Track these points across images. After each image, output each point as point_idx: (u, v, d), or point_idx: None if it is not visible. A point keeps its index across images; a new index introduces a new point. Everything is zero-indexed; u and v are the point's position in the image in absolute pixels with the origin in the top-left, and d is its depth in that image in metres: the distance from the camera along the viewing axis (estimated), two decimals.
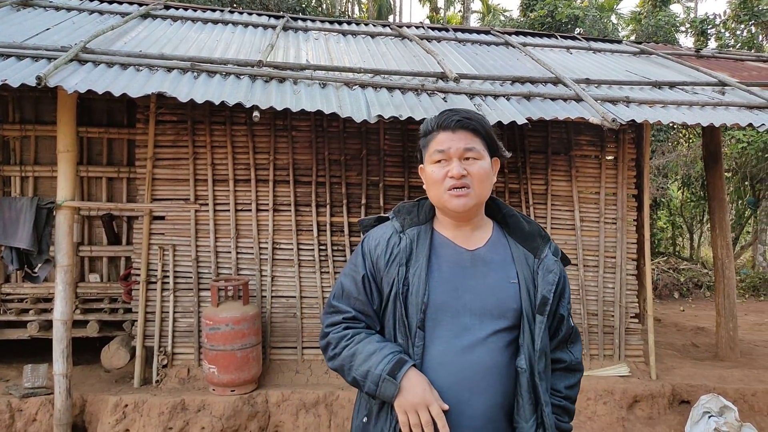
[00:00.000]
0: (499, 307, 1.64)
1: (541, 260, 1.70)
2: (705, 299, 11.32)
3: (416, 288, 1.64)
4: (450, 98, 4.63)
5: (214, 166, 5.30)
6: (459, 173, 1.63)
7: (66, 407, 4.42)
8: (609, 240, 5.60)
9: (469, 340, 1.62)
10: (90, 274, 5.62)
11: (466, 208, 1.65)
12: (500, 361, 1.63)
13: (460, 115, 1.68)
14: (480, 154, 1.66)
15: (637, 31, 12.92)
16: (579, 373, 1.79)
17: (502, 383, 1.63)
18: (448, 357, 1.62)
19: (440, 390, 1.59)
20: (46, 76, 3.79)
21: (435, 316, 1.64)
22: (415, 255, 1.68)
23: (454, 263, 1.69)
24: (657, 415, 5.07)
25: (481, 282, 1.67)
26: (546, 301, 1.65)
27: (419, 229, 1.74)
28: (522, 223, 1.76)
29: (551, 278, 1.67)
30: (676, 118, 4.60)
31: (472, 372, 1.61)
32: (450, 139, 1.66)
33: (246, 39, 5.71)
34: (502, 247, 1.73)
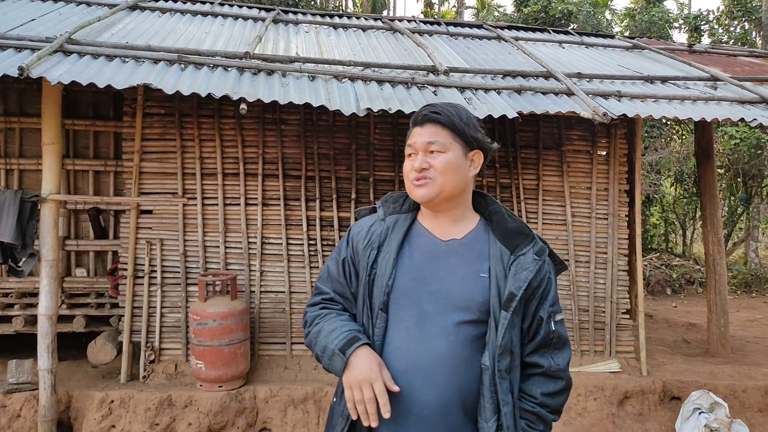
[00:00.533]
0: (465, 299, 1.63)
1: (516, 257, 1.67)
2: (697, 295, 11.33)
3: (383, 271, 1.68)
4: (440, 92, 4.58)
5: (202, 159, 5.24)
6: (418, 166, 1.66)
7: (51, 403, 4.36)
8: (600, 236, 5.57)
9: (429, 328, 1.62)
10: (76, 268, 5.56)
11: (425, 197, 1.67)
12: (460, 354, 1.61)
13: (429, 109, 1.71)
14: (444, 147, 1.67)
15: (631, 27, 12.91)
16: (561, 382, 1.70)
17: (461, 377, 1.60)
18: (405, 342, 1.64)
19: (395, 374, 1.60)
20: (29, 66, 3.72)
21: (399, 301, 1.67)
22: (388, 240, 1.73)
23: (427, 252, 1.71)
24: (647, 412, 5.05)
25: (450, 272, 1.67)
26: (512, 298, 1.61)
27: (399, 217, 1.79)
28: (506, 219, 1.74)
29: (524, 276, 1.64)
30: (667, 113, 4.57)
31: (426, 360, 1.60)
32: (417, 134, 1.70)
33: (236, 31, 5.64)
34: (481, 242, 1.72)
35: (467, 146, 1.70)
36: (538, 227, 5.52)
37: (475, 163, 1.73)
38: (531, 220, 5.54)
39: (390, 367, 1.61)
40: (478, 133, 1.73)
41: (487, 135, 1.82)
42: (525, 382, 1.68)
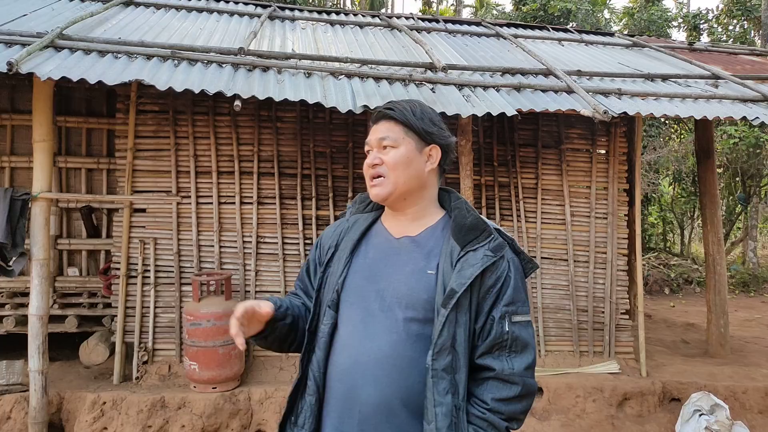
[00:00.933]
0: (410, 296, 1.59)
1: (466, 253, 1.59)
2: (695, 295, 11.28)
3: (335, 269, 1.70)
4: (438, 89, 4.51)
5: (196, 157, 5.17)
6: (371, 162, 1.67)
7: (42, 405, 4.29)
8: (600, 235, 5.52)
9: (373, 326, 1.60)
10: (69, 267, 5.48)
11: (379, 196, 1.67)
12: (403, 354, 1.56)
13: (384, 106, 1.72)
14: (395, 142, 1.66)
15: (630, 25, 12.84)
16: (516, 387, 1.55)
17: (404, 377, 1.55)
18: (350, 340, 1.62)
19: (339, 372, 1.61)
20: (18, 62, 3.65)
21: (349, 299, 1.66)
22: (345, 240, 1.75)
23: (381, 250, 1.70)
24: (647, 413, 4.99)
25: (399, 270, 1.64)
26: (452, 295, 1.53)
27: (360, 216, 1.80)
28: (463, 215, 1.67)
29: (468, 273, 1.55)
30: (669, 111, 4.51)
31: (368, 358, 1.58)
32: (373, 132, 1.70)
33: (231, 27, 5.56)
34: (436, 238, 1.68)
35: (422, 141, 1.68)
36: (536, 226, 5.46)
37: (433, 159, 1.69)
38: (530, 219, 5.48)
39: (335, 365, 1.63)
40: (434, 127, 1.70)
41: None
42: (478, 386, 1.58)
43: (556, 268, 5.48)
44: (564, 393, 4.97)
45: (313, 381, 1.65)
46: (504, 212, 5.48)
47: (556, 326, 5.45)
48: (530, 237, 5.47)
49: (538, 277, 5.43)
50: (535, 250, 5.45)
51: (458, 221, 1.66)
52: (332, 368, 1.64)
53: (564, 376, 5.14)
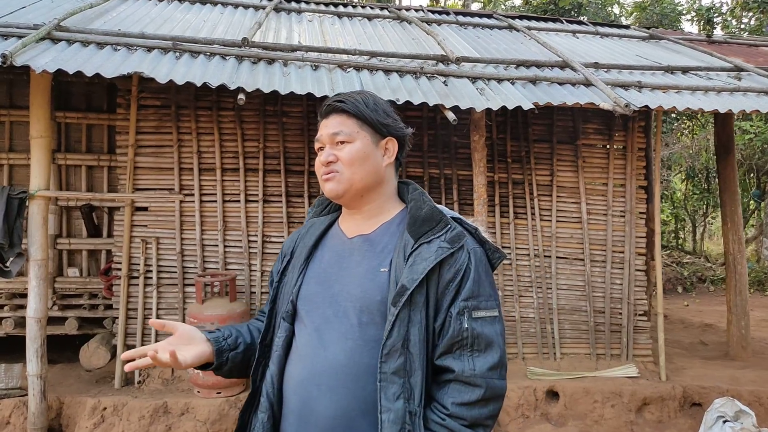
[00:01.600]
0: (363, 298, 1.48)
1: (419, 246, 1.47)
2: (709, 294, 11.08)
3: (289, 278, 1.61)
4: (451, 82, 4.33)
5: (200, 154, 5.01)
6: (324, 159, 1.55)
7: (41, 410, 4.15)
8: (617, 234, 5.33)
9: (329, 334, 1.49)
10: (69, 268, 5.33)
11: (333, 192, 1.55)
12: (359, 361, 1.45)
13: (333, 98, 1.60)
14: (350, 137, 1.55)
15: (642, 19, 12.58)
16: (478, 390, 1.41)
17: (359, 386, 1.44)
18: (306, 350, 1.52)
19: (294, 384, 1.51)
20: (13, 54, 3.48)
21: (305, 308, 1.56)
22: (300, 246, 1.65)
23: (335, 252, 1.60)
24: (667, 419, 4.81)
25: (351, 272, 1.53)
26: (403, 291, 1.41)
27: (316, 220, 1.70)
28: (418, 206, 1.56)
29: (422, 267, 1.43)
30: (691, 105, 4.31)
31: (323, 368, 1.47)
32: (323, 126, 1.59)
33: (235, 19, 5.39)
34: (391, 234, 1.56)
35: (378, 134, 1.58)
36: (551, 225, 5.28)
37: (390, 152, 1.60)
38: (545, 217, 5.29)
39: (290, 377, 1.53)
40: (389, 119, 1.60)
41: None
42: (439, 389, 1.45)
43: (572, 268, 5.30)
44: (581, 398, 4.79)
45: (266, 397, 1.54)
46: (518, 210, 5.29)
47: (571, 328, 5.26)
48: (545, 236, 5.28)
49: (553, 277, 5.25)
50: (550, 250, 5.26)
51: (413, 213, 1.55)
52: (287, 381, 1.54)
53: (581, 380, 4.96)
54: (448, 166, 5.23)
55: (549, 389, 4.84)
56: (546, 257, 5.26)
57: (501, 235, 5.22)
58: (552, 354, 5.20)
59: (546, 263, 5.26)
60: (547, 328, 5.22)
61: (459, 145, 5.23)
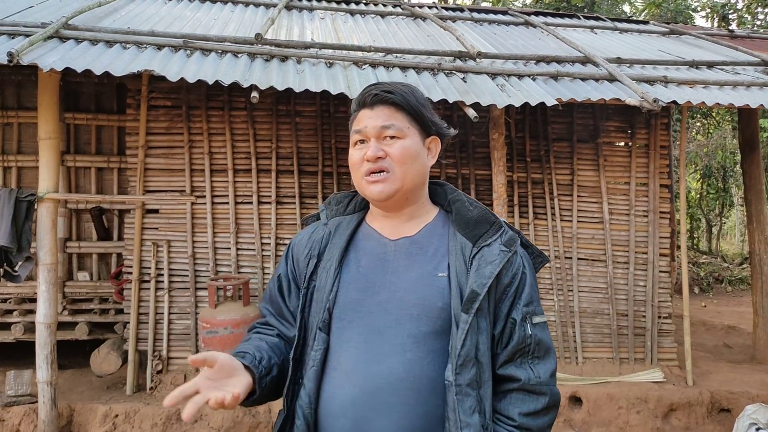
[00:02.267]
0: (421, 305, 1.36)
1: (479, 249, 1.39)
2: (726, 294, 10.89)
3: (323, 283, 1.43)
4: (470, 78, 4.19)
5: (211, 154, 4.90)
6: (373, 155, 1.39)
7: (51, 418, 4.05)
8: (640, 234, 5.17)
9: (381, 346, 1.35)
10: (79, 272, 5.23)
11: (383, 194, 1.40)
12: (420, 374, 1.33)
13: (380, 88, 1.43)
14: (402, 132, 1.41)
15: (656, 16, 12.39)
16: (544, 398, 1.36)
17: (422, 401, 1.32)
18: (356, 365, 1.35)
19: (343, 404, 1.34)
20: (19, 52, 3.39)
21: (345, 316, 1.40)
22: (329, 247, 1.47)
23: (375, 256, 1.45)
24: (695, 425, 4.65)
25: (401, 277, 1.40)
26: (474, 297, 1.33)
27: (342, 219, 1.53)
28: (467, 207, 1.47)
29: (488, 270, 1.35)
30: (721, 100, 4.15)
31: (379, 385, 1.32)
32: (368, 117, 1.42)
33: (246, 18, 5.29)
34: (438, 236, 1.46)
35: (424, 132, 1.46)
36: (572, 225, 5.13)
37: (433, 152, 1.50)
38: (565, 217, 5.14)
39: (335, 397, 1.35)
40: (434, 116, 1.49)
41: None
42: (501, 400, 1.37)
43: (594, 270, 5.14)
44: (605, 404, 4.64)
45: (302, 420, 1.37)
46: (537, 210, 5.14)
47: (594, 332, 5.11)
48: (566, 237, 5.13)
49: (575, 279, 5.10)
50: (571, 251, 5.11)
51: (462, 214, 1.45)
52: (331, 401, 1.36)
53: (604, 385, 4.81)
54: (465, 166, 5.09)
55: (572, 395, 4.69)
56: (567, 259, 5.11)
57: None
58: (574, 358, 5.05)
59: (567, 265, 5.11)
60: (569, 332, 5.07)
61: (476, 144, 5.09)
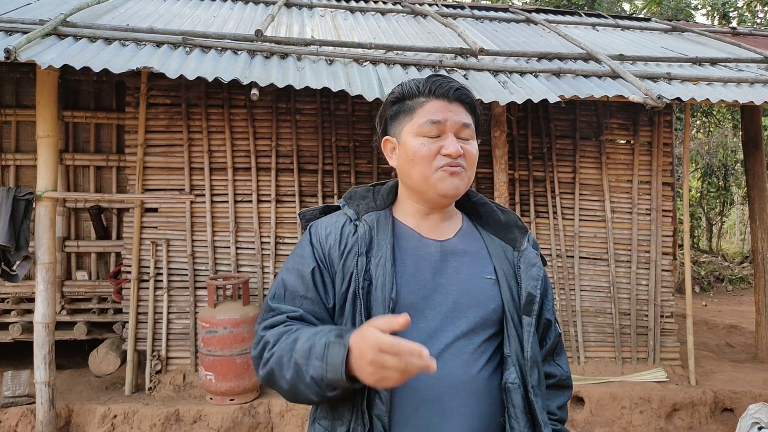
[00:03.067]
0: (475, 307, 1.36)
1: (521, 252, 1.44)
2: (727, 293, 10.86)
3: (381, 282, 1.33)
4: (472, 75, 4.16)
5: (211, 153, 4.86)
6: (457, 151, 1.35)
7: (49, 419, 4.01)
8: (642, 233, 5.13)
9: (439, 350, 1.30)
10: (77, 271, 5.19)
11: (458, 191, 1.39)
12: (476, 375, 1.33)
13: (455, 84, 1.39)
14: (473, 134, 1.41)
15: (656, 14, 12.36)
16: (569, 391, 1.51)
17: (479, 402, 1.32)
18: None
19: (405, 413, 1.29)
20: (17, 49, 3.35)
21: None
22: (376, 243, 1.38)
23: (420, 257, 1.39)
24: (698, 425, 4.62)
25: (452, 279, 1.38)
26: (532, 299, 1.38)
27: (378, 214, 1.44)
28: (496, 212, 1.51)
29: (535, 273, 1.41)
30: (725, 96, 4.12)
31: (441, 390, 1.29)
32: (447, 110, 1.37)
33: (246, 15, 5.25)
34: (475, 239, 1.47)
35: (476, 135, 1.45)
36: (574, 224, 5.09)
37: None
38: (567, 216, 5.11)
39: (398, 405, 1.29)
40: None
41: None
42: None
43: (596, 269, 5.11)
44: (608, 404, 4.60)
45: (382, 428, 1.28)
46: (539, 208, 5.10)
47: (596, 331, 5.07)
48: (567, 235, 5.09)
49: (576, 278, 5.06)
50: (573, 250, 5.08)
51: (494, 218, 1.49)
52: (397, 409, 1.30)
53: (607, 385, 4.77)
54: None
55: (574, 395, 4.66)
56: (569, 257, 5.07)
57: None
58: (576, 358, 5.02)
59: (569, 264, 5.07)
60: (571, 331, 5.03)
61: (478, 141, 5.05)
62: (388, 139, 1.45)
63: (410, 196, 1.44)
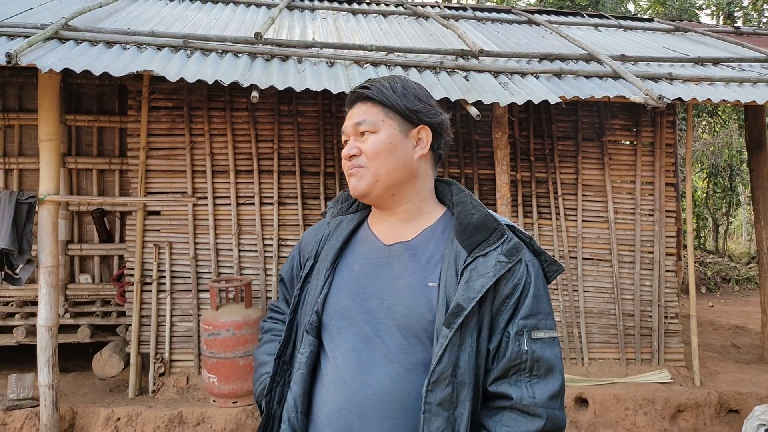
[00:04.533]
0: (408, 316, 1.29)
1: (474, 259, 1.29)
2: (734, 294, 10.81)
3: (314, 286, 1.41)
4: (472, 76, 4.15)
5: (213, 156, 4.87)
6: (347, 153, 1.39)
7: (53, 422, 4.02)
8: (645, 233, 5.11)
9: (370, 355, 1.30)
10: (80, 274, 5.20)
11: (357, 190, 1.38)
12: (406, 388, 1.27)
13: (358, 86, 1.42)
14: (375, 126, 1.37)
15: (661, 14, 12.32)
16: (538, 420, 1.22)
17: (408, 416, 1.26)
18: (342, 374, 1.32)
19: (329, 412, 1.31)
20: (18, 53, 3.36)
21: (336, 322, 1.36)
22: (326, 248, 1.45)
23: (369, 260, 1.39)
24: (703, 427, 4.59)
25: (392, 285, 1.34)
26: (458, 312, 1.23)
27: (343, 218, 1.50)
28: (468, 211, 1.37)
29: (479, 284, 1.25)
30: (727, 96, 4.10)
31: (366, 396, 1.28)
32: (348, 117, 1.43)
33: (247, 18, 5.26)
34: (436, 242, 1.37)
35: (407, 122, 1.38)
36: (577, 225, 5.07)
37: (423, 142, 1.40)
38: (570, 217, 5.09)
39: (322, 404, 1.33)
40: (420, 104, 1.39)
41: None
42: (491, 417, 1.26)
43: (599, 270, 5.09)
44: (611, 405, 4.58)
45: (288, 424, 1.34)
46: (542, 210, 5.09)
47: (600, 332, 5.05)
48: (570, 236, 5.07)
49: (580, 279, 5.05)
50: (576, 251, 5.06)
51: (462, 219, 1.36)
52: (320, 409, 1.33)
53: (611, 386, 4.75)
54: (469, 165, 5.05)
55: (578, 396, 4.64)
56: (572, 258, 5.06)
57: None
58: (580, 359, 5.00)
59: (572, 265, 5.05)
60: (574, 332, 5.02)
61: (480, 143, 5.05)
62: None
63: None
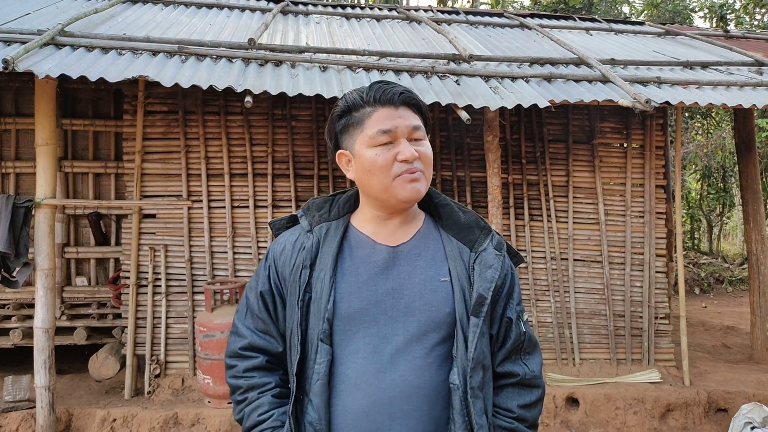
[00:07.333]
0: (428, 311, 1.36)
1: (478, 254, 1.42)
2: (727, 295, 10.86)
3: (319, 294, 1.37)
4: (463, 81, 4.21)
5: (207, 159, 4.92)
6: (413, 155, 1.35)
7: (49, 423, 4.07)
8: (636, 235, 5.18)
9: (390, 354, 1.34)
10: (77, 277, 5.26)
11: (420, 195, 1.39)
12: (430, 380, 1.34)
13: (400, 88, 1.40)
14: (424, 135, 1.42)
15: (654, 17, 12.41)
16: (538, 390, 1.45)
17: (432, 406, 1.34)
18: (365, 376, 1.34)
19: (356, 416, 1.32)
20: (15, 59, 3.41)
21: (349, 327, 1.36)
22: (320, 256, 1.41)
23: (374, 263, 1.41)
24: (692, 425, 4.66)
25: (405, 283, 1.39)
26: (482, 301, 1.36)
27: (329, 225, 1.47)
28: (457, 212, 1.48)
29: (490, 274, 1.39)
30: (714, 100, 4.17)
31: (393, 393, 1.32)
32: (396, 116, 1.37)
33: (241, 23, 5.31)
34: (433, 240, 1.46)
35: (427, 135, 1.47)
36: (568, 227, 5.13)
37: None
38: (561, 219, 5.15)
39: (346, 410, 1.33)
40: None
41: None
42: (499, 394, 1.44)
43: (590, 271, 5.15)
44: (602, 405, 4.64)
45: None
46: (533, 212, 5.15)
47: (591, 333, 5.11)
48: (561, 238, 5.14)
49: (571, 280, 5.11)
50: (567, 252, 5.12)
51: (455, 219, 1.47)
52: (343, 415, 1.33)
53: (601, 386, 4.81)
54: (461, 168, 5.11)
55: (569, 396, 4.70)
56: (563, 260, 5.12)
57: (516, 238, 5.09)
58: (571, 359, 5.06)
59: (563, 266, 5.12)
60: (566, 333, 5.08)
61: (472, 146, 5.11)
62: (342, 152, 1.45)
63: (371, 204, 1.44)
